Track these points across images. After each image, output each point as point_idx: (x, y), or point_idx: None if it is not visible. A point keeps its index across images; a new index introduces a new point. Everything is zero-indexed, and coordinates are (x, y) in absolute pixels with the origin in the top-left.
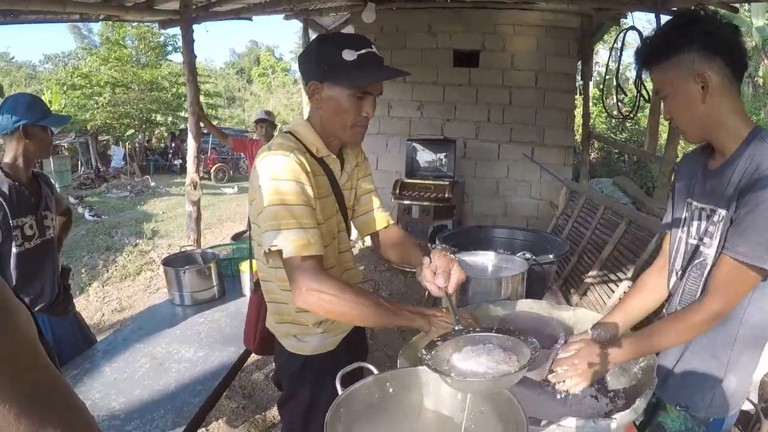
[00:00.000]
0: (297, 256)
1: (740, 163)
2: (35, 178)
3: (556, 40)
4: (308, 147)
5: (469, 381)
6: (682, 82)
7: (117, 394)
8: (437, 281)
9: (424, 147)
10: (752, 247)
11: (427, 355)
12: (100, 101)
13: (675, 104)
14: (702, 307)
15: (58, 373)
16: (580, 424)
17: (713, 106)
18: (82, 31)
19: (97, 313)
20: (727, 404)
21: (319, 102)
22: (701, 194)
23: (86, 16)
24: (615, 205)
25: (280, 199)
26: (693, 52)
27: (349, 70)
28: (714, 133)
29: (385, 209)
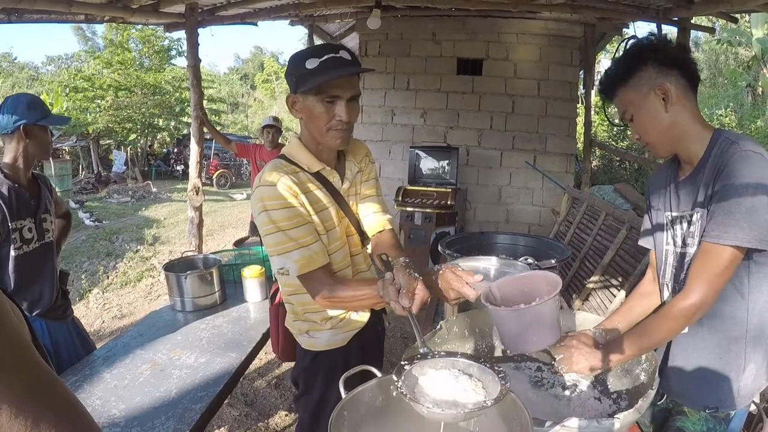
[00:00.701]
0: (303, 273)
1: (708, 165)
2: (35, 179)
3: (559, 49)
4: (301, 166)
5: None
6: (643, 98)
7: (117, 401)
8: (402, 302)
9: (427, 154)
10: (723, 228)
11: (399, 381)
12: (102, 104)
13: (641, 121)
14: (684, 297)
15: (51, 371)
16: (583, 424)
17: (676, 114)
18: (86, 33)
19: (98, 320)
20: (753, 389)
21: (298, 113)
22: (677, 205)
23: (91, 17)
24: (616, 211)
25: (276, 227)
26: (648, 69)
27: (311, 77)
28: (680, 142)
29: (384, 213)
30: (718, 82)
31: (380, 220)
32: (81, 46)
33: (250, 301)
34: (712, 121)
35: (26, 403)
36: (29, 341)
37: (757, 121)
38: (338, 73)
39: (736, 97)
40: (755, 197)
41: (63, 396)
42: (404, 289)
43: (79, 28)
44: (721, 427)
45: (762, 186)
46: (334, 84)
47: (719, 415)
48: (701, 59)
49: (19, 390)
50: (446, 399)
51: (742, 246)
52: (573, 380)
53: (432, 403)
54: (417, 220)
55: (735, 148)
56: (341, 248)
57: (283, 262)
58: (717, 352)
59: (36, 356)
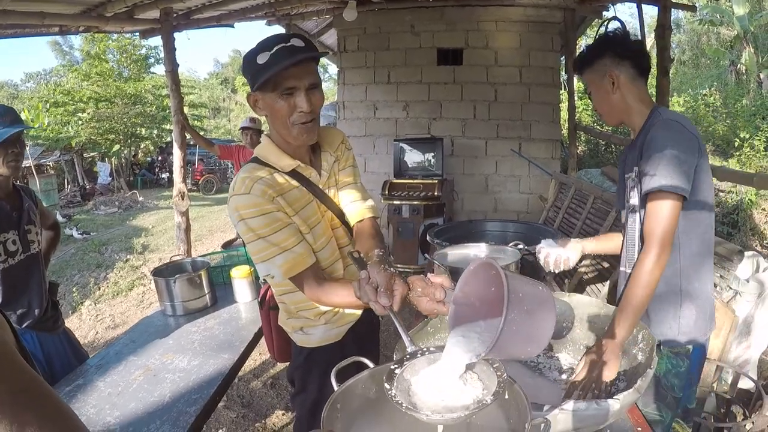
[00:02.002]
0: (289, 277)
1: (643, 131)
2: (17, 191)
3: (539, 35)
4: (275, 166)
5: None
6: (599, 80)
7: (112, 408)
8: (381, 300)
9: (412, 147)
10: (652, 178)
11: (392, 389)
12: (83, 117)
13: (595, 97)
14: (644, 254)
15: (37, 376)
16: (583, 406)
17: (623, 95)
18: (63, 47)
19: (91, 332)
20: (695, 328)
21: (261, 111)
22: (623, 166)
23: (66, 28)
24: (604, 194)
25: (256, 235)
26: (606, 58)
27: (263, 71)
28: (626, 116)
29: (363, 201)
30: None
31: (360, 209)
32: (59, 61)
33: (240, 302)
34: (697, 101)
35: (11, 408)
36: (13, 347)
37: (742, 100)
38: (288, 62)
39: (719, 76)
40: (672, 152)
41: (49, 400)
42: (382, 287)
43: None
44: (684, 363)
45: (677, 143)
46: (288, 75)
47: (677, 351)
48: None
49: (4, 395)
50: (443, 399)
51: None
52: (570, 364)
53: (430, 409)
54: (405, 212)
55: (659, 118)
56: (328, 243)
57: (267, 269)
58: (657, 293)
59: (21, 362)
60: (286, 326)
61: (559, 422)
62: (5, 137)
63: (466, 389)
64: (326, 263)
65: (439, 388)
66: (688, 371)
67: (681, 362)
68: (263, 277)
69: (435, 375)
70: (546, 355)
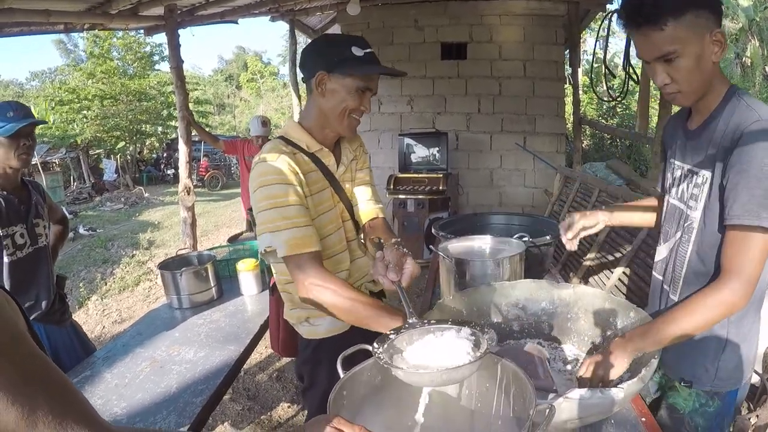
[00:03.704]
0: (292, 254)
1: (720, 121)
2: (25, 185)
3: (543, 29)
4: (299, 145)
5: (420, 374)
6: (697, 40)
7: (119, 399)
8: (389, 275)
9: (416, 141)
10: (746, 207)
11: (379, 348)
12: (88, 115)
13: (686, 65)
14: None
15: (47, 358)
16: (587, 394)
17: (715, 66)
18: (68, 46)
19: (98, 326)
20: (734, 375)
21: (323, 92)
22: (682, 154)
23: (71, 26)
24: (609, 188)
25: (271, 204)
26: (707, 11)
27: (359, 63)
28: (705, 93)
29: (376, 202)
30: None
31: (373, 208)
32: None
33: (246, 295)
34: None
35: (22, 390)
36: (25, 331)
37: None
38: (384, 70)
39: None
40: None
41: (60, 385)
42: (392, 264)
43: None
44: (714, 403)
45: None
46: (374, 77)
47: (708, 391)
48: None
49: (16, 378)
50: (429, 362)
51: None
52: (574, 355)
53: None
54: (410, 207)
55: (753, 115)
56: (337, 231)
57: (270, 240)
58: None
59: (31, 345)
60: (291, 318)
61: (563, 411)
62: (18, 128)
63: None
64: (333, 251)
65: (430, 355)
66: (718, 413)
67: (711, 402)
68: (263, 249)
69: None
70: (551, 346)
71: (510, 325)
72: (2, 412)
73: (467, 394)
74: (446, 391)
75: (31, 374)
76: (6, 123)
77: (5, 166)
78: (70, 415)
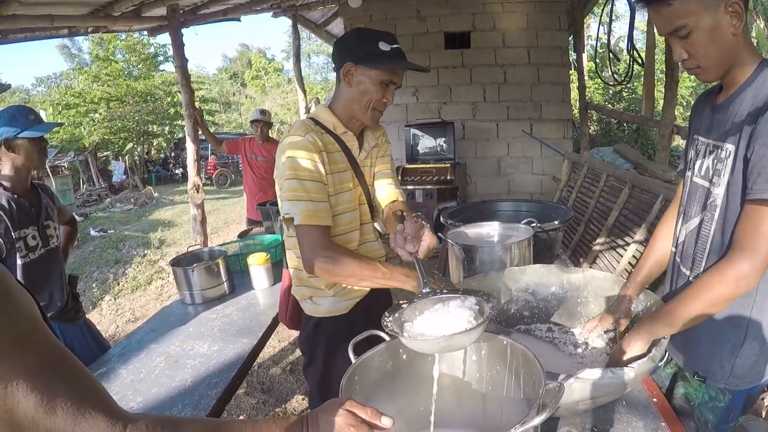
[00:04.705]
0: (305, 224)
1: (747, 94)
2: (34, 188)
3: (546, 15)
4: (326, 126)
5: (423, 340)
6: (710, 12)
7: (134, 394)
8: (407, 247)
9: (423, 132)
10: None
11: (390, 317)
12: (95, 118)
13: (701, 39)
14: (727, 267)
15: (61, 344)
16: (599, 375)
17: (738, 37)
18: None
19: (112, 326)
20: (750, 373)
21: (350, 82)
22: (707, 129)
23: (75, 29)
24: (617, 172)
25: (295, 174)
26: None
27: (384, 57)
28: (731, 67)
29: (396, 187)
30: None
31: (392, 192)
32: (68, 64)
33: (257, 288)
34: None
35: (41, 376)
36: (42, 320)
37: None
38: (409, 65)
39: None
40: None
41: (75, 369)
42: (410, 236)
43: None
44: (725, 398)
45: None
46: (398, 72)
47: (721, 388)
48: None
49: (35, 365)
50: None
51: None
52: (584, 338)
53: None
54: (418, 197)
55: None
56: (351, 211)
57: (289, 208)
58: (717, 318)
59: (47, 331)
60: (296, 294)
61: (575, 391)
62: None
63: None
64: (344, 229)
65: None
66: (729, 407)
67: (722, 396)
68: (282, 216)
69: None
70: (561, 330)
71: (520, 310)
72: (22, 399)
73: (478, 378)
74: (457, 374)
75: (50, 362)
76: (30, 125)
77: (21, 167)
78: (88, 402)
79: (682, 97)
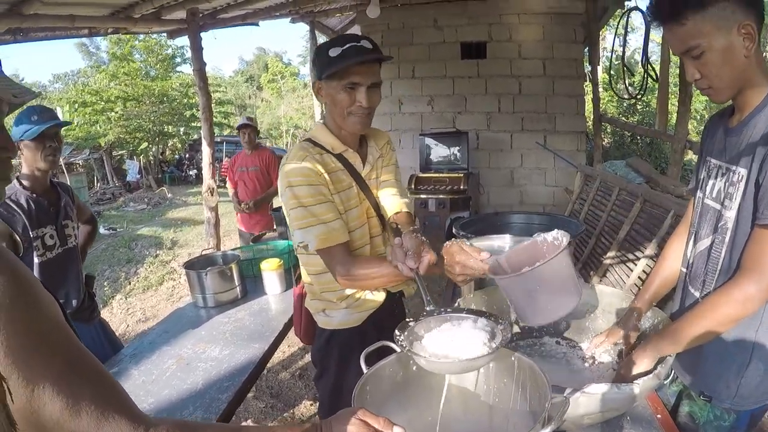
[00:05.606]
0: (321, 248)
1: (761, 119)
2: (54, 187)
3: (562, 27)
4: (325, 147)
5: (440, 363)
6: (724, 34)
7: (146, 396)
8: (408, 262)
9: (437, 141)
10: None
11: (401, 336)
12: (112, 116)
13: (714, 60)
14: (734, 289)
15: (85, 348)
16: (604, 390)
17: (752, 59)
18: (90, 48)
19: (122, 325)
20: (755, 393)
21: (323, 98)
22: (719, 151)
23: (95, 30)
24: (629, 186)
25: (299, 203)
26: (732, 1)
27: (332, 63)
28: (743, 88)
29: (401, 197)
30: None
31: (397, 202)
32: (86, 62)
33: (270, 294)
34: None
35: (67, 380)
36: (64, 320)
37: None
38: (357, 60)
39: None
40: None
41: (99, 373)
42: (411, 251)
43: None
44: (730, 417)
45: None
46: (354, 71)
47: (726, 408)
48: None
49: (60, 367)
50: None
51: None
52: (591, 353)
53: (430, 355)
54: (431, 206)
55: None
56: (360, 227)
57: (303, 236)
58: (724, 339)
59: (72, 335)
60: (310, 307)
61: (580, 405)
62: (42, 130)
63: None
64: (355, 245)
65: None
66: (733, 426)
67: (727, 416)
68: (297, 244)
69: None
70: (569, 344)
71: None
72: (48, 401)
73: (485, 389)
74: (465, 386)
75: (76, 365)
76: (31, 126)
77: (33, 168)
78: (111, 406)
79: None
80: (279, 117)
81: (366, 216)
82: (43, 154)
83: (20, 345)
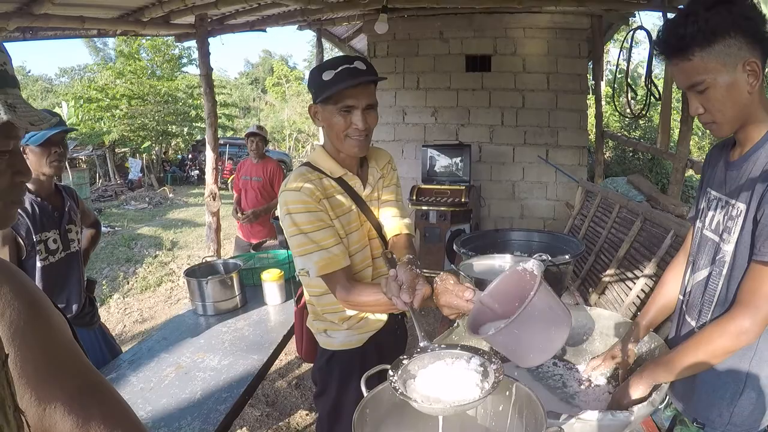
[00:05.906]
0: (323, 274)
1: (761, 155)
2: (58, 191)
3: (567, 42)
4: (324, 171)
5: (432, 407)
6: (728, 70)
7: (144, 403)
8: (402, 297)
9: (440, 152)
10: None
11: (394, 375)
12: (116, 114)
13: (718, 96)
14: (729, 322)
15: (98, 372)
16: (599, 416)
17: (754, 95)
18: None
19: (119, 325)
20: (748, 421)
21: (320, 122)
22: (719, 184)
23: (104, 31)
24: (629, 204)
25: (298, 230)
26: (738, 38)
27: (326, 87)
28: (745, 124)
29: (401, 218)
30: None
31: (397, 224)
32: (93, 58)
33: (270, 304)
34: None
35: (78, 400)
36: (73, 339)
37: None
38: (350, 83)
39: None
40: None
41: (112, 397)
42: (405, 285)
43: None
44: None
45: None
46: (348, 94)
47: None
48: None
49: (72, 389)
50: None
51: None
52: (587, 375)
53: (423, 398)
54: (432, 218)
55: None
56: (362, 250)
57: (304, 263)
58: (718, 367)
59: (80, 353)
60: (312, 327)
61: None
62: (48, 136)
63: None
64: (357, 268)
65: (441, 382)
66: None
67: None
68: (299, 270)
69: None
70: (566, 366)
71: None
72: (59, 420)
73: (482, 414)
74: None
75: (87, 386)
76: (36, 132)
77: (38, 173)
78: (120, 426)
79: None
80: (282, 121)
81: (367, 238)
82: (48, 159)
83: (34, 368)
